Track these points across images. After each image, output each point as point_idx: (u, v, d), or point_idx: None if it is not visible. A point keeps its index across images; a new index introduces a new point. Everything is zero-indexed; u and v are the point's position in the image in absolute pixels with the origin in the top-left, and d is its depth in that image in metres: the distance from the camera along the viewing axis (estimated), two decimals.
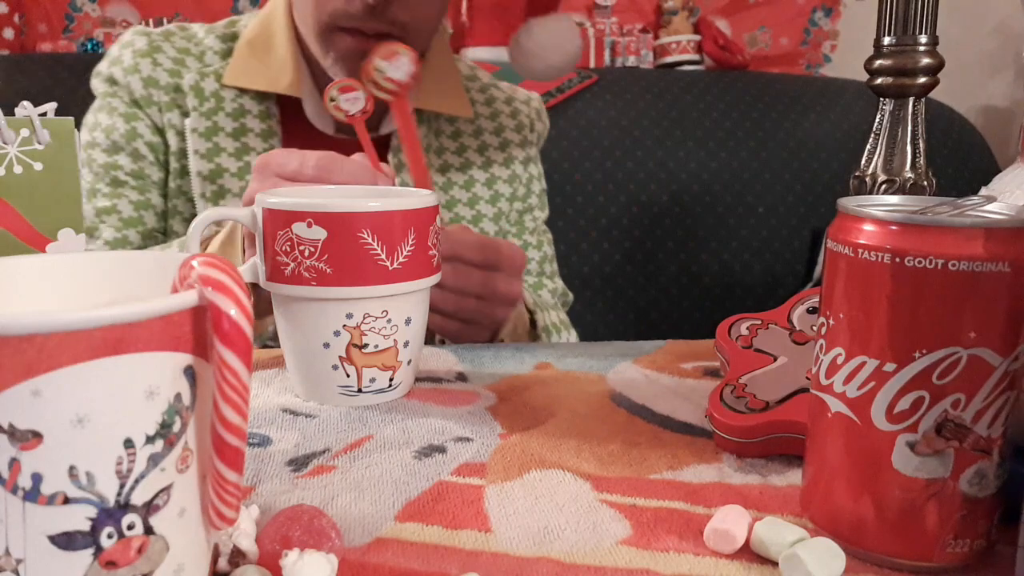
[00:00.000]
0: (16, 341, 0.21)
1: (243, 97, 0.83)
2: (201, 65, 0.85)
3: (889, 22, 0.51)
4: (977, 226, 0.30)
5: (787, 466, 0.42)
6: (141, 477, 0.24)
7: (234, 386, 0.25)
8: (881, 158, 0.53)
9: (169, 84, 0.83)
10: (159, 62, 0.84)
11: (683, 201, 1.52)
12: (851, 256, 0.32)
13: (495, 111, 0.95)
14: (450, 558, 0.33)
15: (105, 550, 0.23)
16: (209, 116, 0.82)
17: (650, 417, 0.49)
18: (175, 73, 0.84)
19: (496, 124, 0.94)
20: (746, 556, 0.34)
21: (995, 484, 0.32)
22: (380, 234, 0.46)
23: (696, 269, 1.52)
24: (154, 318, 0.23)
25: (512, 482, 0.40)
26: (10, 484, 0.22)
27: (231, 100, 0.83)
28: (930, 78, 0.51)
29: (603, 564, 0.33)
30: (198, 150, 0.81)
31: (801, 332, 0.51)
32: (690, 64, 1.86)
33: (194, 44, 0.87)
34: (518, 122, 0.95)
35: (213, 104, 0.83)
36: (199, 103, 0.82)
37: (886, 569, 0.33)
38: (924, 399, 0.31)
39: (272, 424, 0.47)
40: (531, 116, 0.97)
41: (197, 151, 0.81)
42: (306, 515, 0.32)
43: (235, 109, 0.83)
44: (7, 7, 1.78)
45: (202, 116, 0.82)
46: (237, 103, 0.83)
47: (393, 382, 0.50)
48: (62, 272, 0.31)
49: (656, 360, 0.60)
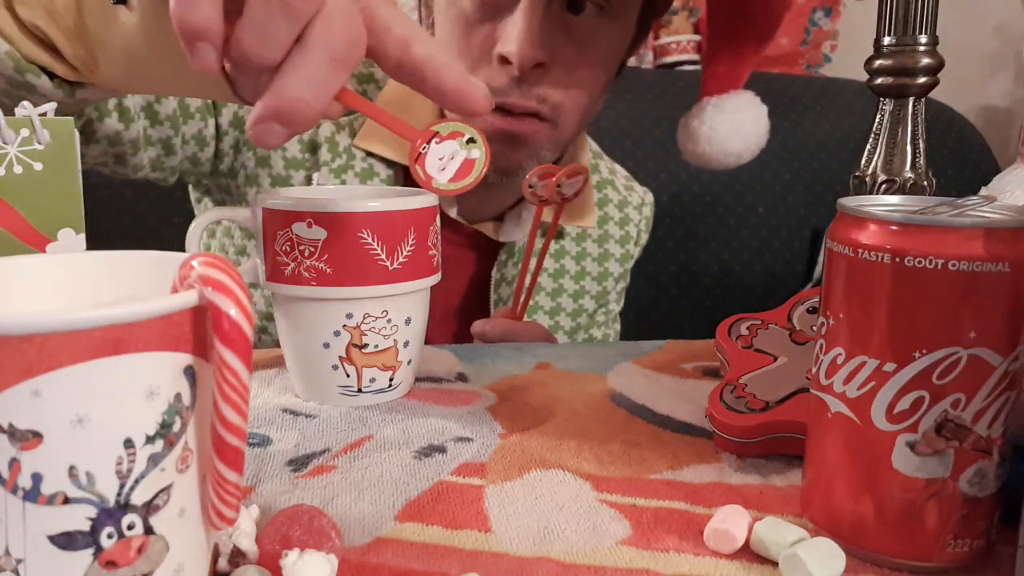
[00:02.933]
0: (16, 341, 0.21)
1: (372, 158, 0.77)
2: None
3: (889, 22, 0.51)
4: (977, 226, 0.30)
5: (787, 466, 0.42)
6: (141, 477, 0.24)
7: (234, 386, 0.25)
8: (881, 158, 0.53)
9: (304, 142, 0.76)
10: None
11: (683, 201, 1.52)
12: (851, 256, 0.32)
13: (605, 216, 0.86)
14: (450, 558, 0.33)
15: (105, 550, 0.23)
16: (339, 174, 0.76)
17: (650, 417, 0.49)
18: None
19: (602, 232, 0.85)
20: (746, 556, 0.34)
21: (995, 484, 0.32)
22: (380, 234, 0.46)
23: (696, 269, 1.52)
24: (154, 318, 0.23)
25: (512, 482, 0.40)
26: (10, 484, 0.22)
27: (361, 159, 0.76)
28: (930, 78, 0.51)
29: (603, 564, 0.33)
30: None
31: (801, 332, 0.51)
32: (690, 64, 1.87)
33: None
34: (625, 233, 0.86)
35: (344, 161, 0.76)
36: (331, 158, 0.76)
37: (886, 569, 0.33)
38: (924, 399, 0.31)
39: (272, 424, 0.47)
40: (639, 227, 0.88)
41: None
42: (306, 515, 0.32)
43: (364, 170, 0.77)
44: None
45: (332, 172, 0.76)
46: (367, 163, 0.76)
47: (393, 382, 0.50)
48: (62, 272, 0.31)
49: (656, 360, 0.60)
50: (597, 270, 0.85)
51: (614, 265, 0.86)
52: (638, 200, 0.89)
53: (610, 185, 0.88)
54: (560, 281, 0.83)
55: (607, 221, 0.86)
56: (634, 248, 0.88)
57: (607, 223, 0.86)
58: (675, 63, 1.87)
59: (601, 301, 0.86)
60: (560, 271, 0.83)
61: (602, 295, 0.86)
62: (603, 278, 0.85)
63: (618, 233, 0.86)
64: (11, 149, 0.40)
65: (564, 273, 0.83)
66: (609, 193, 0.87)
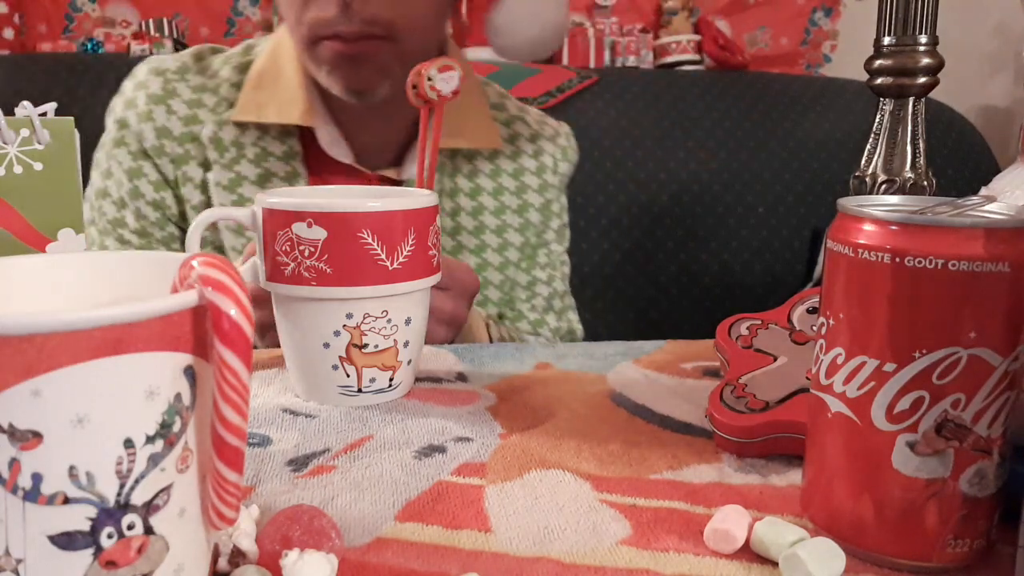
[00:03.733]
0: (16, 341, 0.21)
1: (264, 140, 0.80)
2: (217, 99, 0.81)
3: (889, 22, 0.51)
4: (977, 226, 0.30)
5: (787, 466, 0.42)
6: (141, 477, 0.24)
7: (234, 386, 0.25)
8: (881, 158, 0.53)
9: (184, 134, 0.80)
10: (173, 109, 0.81)
11: (683, 201, 1.52)
12: (851, 256, 0.32)
13: (517, 150, 0.88)
14: (450, 558, 0.33)
15: (105, 550, 0.23)
16: (231, 167, 0.79)
17: (650, 417, 0.49)
18: (191, 120, 0.81)
19: (516, 165, 0.88)
20: (746, 556, 0.34)
21: (995, 484, 0.32)
22: (380, 234, 0.46)
23: (696, 269, 1.52)
24: (154, 318, 0.23)
25: (512, 482, 0.40)
26: (10, 484, 0.22)
27: (251, 145, 0.80)
28: (930, 78, 0.51)
29: (603, 564, 0.33)
30: (223, 204, 0.79)
31: (801, 332, 0.51)
32: (690, 64, 1.87)
33: (210, 77, 0.83)
34: (540, 164, 0.89)
35: (234, 153, 0.79)
36: (219, 155, 0.80)
37: (886, 569, 0.33)
38: (924, 399, 0.31)
39: (272, 424, 0.47)
40: (556, 156, 0.91)
41: (223, 205, 0.78)
42: (306, 515, 0.32)
43: (257, 154, 0.80)
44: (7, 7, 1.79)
45: (224, 168, 0.79)
46: (258, 147, 0.80)
47: (393, 382, 0.50)
48: (62, 272, 0.31)
49: (656, 360, 0.60)
50: (516, 203, 0.87)
51: (533, 196, 0.88)
52: (551, 132, 0.92)
53: (519, 120, 0.90)
54: (480, 218, 0.85)
55: (520, 155, 0.88)
56: (552, 176, 0.90)
57: (520, 156, 0.88)
58: (675, 63, 1.88)
59: (527, 234, 0.88)
60: (479, 208, 0.85)
61: (525, 227, 0.88)
62: (523, 210, 0.88)
63: (533, 164, 0.89)
64: (11, 149, 0.40)
65: (483, 210, 0.86)
66: (519, 128, 0.90)
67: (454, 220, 0.84)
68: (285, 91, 0.79)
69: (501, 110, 0.90)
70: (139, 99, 0.82)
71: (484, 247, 0.86)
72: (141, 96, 0.82)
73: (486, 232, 0.86)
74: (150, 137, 0.80)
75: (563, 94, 1.54)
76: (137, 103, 0.81)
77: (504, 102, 0.92)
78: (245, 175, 0.79)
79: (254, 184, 0.79)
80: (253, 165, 0.79)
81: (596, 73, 1.62)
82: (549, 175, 0.90)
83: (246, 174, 0.79)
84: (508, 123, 0.90)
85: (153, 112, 0.81)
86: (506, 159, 0.87)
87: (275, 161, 0.80)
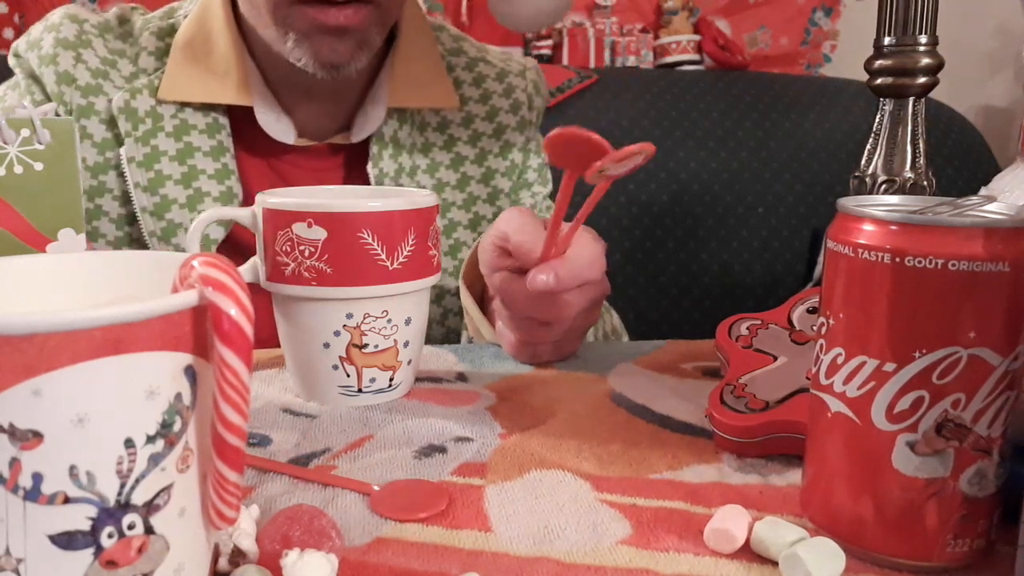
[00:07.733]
0: (16, 341, 0.21)
1: (185, 111, 0.71)
2: (135, 69, 0.73)
3: (889, 22, 0.51)
4: (977, 226, 0.30)
5: (787, 466, 0.42)
6: (141, 477, 0.24)
7: (234, 386, 0.25)
8: (881, 158, 0.53)
9: (90, 86, 0.70)
10: (83, 59, 0.71)
11: (683, 201, 1.52)
12: (851, 256, 0.32)
13: (486, 92, 0.81)
14: (450, 558, 0.33)
15: (105, 550, 0.23)
16: (147, 141, 0.70)
17: (650, 417, 0.49)
18: (100, 74, 0.71)
19: (488, 107, 0.80)
20: (746, 556, 0.34)
21: (995, 484, 0.32)
22: (380, 234, 0.46)
23: (696, 269, 1.52)
24: (154, 318, 0.23)
25: (512, 482, 0.40)
26: (11, 484, 0.22)
27: (171, 116, 0.71)
28: (930, 78, 0.51)
29: (603, 564, 0.33)
30: (139, 183, 0.69)
31: (801, 332, 0.51)
32: (690, 64, 1.87)
33: (130, 45, 0.74)
34: (514, 101, 0.82)
35: (150, 125, 0.70)
36: (132, 127, 0.70)
37: (886, 569, 0.33)
38: (924, 399, 0.31)
39: (272, 424, 0.47)
40: (528, 91, 0.83)
41: (138, 184, 0.69)
42: (306, 515, 0.32)
43: (177, 127, 0.71)
44: (7, 7, 1.79)
45: (138, 142, 0.70)
46: (178, 119, 0.71)
47: (393, 382, 0.50)
48: (62, 272, 0.31)
49: (656, 360, 0.60)
50: (496, 146, 0.81)
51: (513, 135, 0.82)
52: (519, 67, 0.85)
53: (482, 62, 0.83)
54: (462, 169, 0.79)
55: (490, 96, 0.81)
56: (529, 113, 0.83)
57: (491, 97, 0.81)
58: (675, 63, 1.87)
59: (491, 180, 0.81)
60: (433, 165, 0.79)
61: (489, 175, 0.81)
62: (505, 152, 0.81)
63: (505, 104, 0.81)
64: (11, 149, 0.40)
65: (463, 160, 0.80)
66: (483, 69, 0.82)
67: (434, 177, 0.78)
68: (217, 65, 0.71)
69: (459, 54, 0.83)
70: (45, 41, 0.71)
71: (473, 200, 0.80)
72: (49, 39, 0.71)
73: (471, 183, 0.80)
74: (50, 82, 0.70)
75: (563, 94, 1.54)
76: (42, 44, 0.71)
77: (461, 45, 0.84)
78: (163, 150, 0.70)
79: (174, 160, 0.70)
80: (172, 139, 0.70)
81: (596, 73, 1.62)
82: (525, 111, 0.83)
83: (164, 148, 0.70)
84: (471, 66, 0.82)
85: (59, 56, 0.70)
86: (476, 103, 0.81)
87: (197, 135, 0.71)
